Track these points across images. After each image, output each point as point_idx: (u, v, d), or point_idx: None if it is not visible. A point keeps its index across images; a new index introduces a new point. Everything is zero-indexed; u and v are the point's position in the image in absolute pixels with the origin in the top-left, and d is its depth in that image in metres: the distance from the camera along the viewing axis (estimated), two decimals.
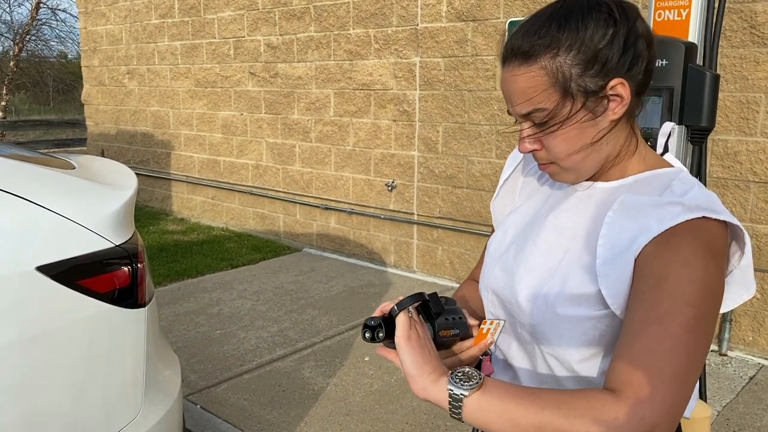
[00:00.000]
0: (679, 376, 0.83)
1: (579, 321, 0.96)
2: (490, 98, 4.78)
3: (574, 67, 0.92)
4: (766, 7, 3.56)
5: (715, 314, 0.88)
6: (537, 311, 1.00)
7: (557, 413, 0.82)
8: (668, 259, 0.87)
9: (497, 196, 1.22)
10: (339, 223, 5.98)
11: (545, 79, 0.93)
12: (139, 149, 8.15)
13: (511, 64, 0.95)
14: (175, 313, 4.47)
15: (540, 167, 1.03)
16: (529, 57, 0.93)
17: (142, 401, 1.89)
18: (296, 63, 6.05)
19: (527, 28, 0.95)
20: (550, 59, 0.92)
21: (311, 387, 3.42)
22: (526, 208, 1.13)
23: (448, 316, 1.03)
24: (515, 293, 1.04)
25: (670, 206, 0.91)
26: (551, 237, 1.03)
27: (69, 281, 1.71)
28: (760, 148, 3.66)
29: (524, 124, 0.98)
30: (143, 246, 1.97)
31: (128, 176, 2.15)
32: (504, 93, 0.99)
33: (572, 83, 0.93)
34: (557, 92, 0.93)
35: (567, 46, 0.92)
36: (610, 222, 0.95)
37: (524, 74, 0.94)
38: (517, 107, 0.97)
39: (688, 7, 1.91)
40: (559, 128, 0.95)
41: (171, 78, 7.43)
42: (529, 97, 0.94)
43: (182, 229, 7.12)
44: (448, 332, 1.03)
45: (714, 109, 1.80)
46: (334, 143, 5.88)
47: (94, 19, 8.42)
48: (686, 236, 0.88)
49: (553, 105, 0.93)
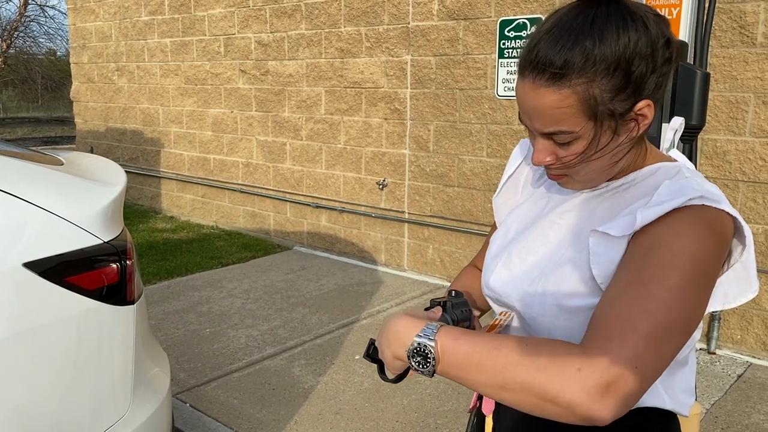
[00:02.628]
0: (655, 334, 0.79)
1: (581, 311, 0.95)
2: (482, 97, 4.78)
3: (606, 92, 0.88)
4: (756, 8, 3.58)
5: (705, 288, 0.84)
6: (538, 306, 0.99)
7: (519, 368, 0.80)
8: (662, 232, 0.86)
9: (500, 192, 1.21)
10: (330, 221, 5.97)
11: (575, 104, 0.88)
12: (128, 147, 8.10)
13: (537, 79, 0.89)
14: (165, 312, 4.44)
15: (549, 176, 1.00)
16: (561, 77, 0.87)
17: (131, 399, 1.87)
18: (287, 61, 6.03)
19: (557, 38, 0.88)
20: (583, 84, 0.87)
21: (301, 385, 3.41)
22: (528, 205, 1.13)
23: (461, 308, 1.07)
24: (517, 290, 1.04)
25: (671, 202, 0.89)
26: (555, 236, 1.03)
27: (57, 278, 1.69)
28: (748, 148, 3.69)
29: (540, 138, 0.95)
30: (132, 243, 1.95)
31: (117, 173, 2.14)
32: (522, 104, 0.93)
33: (601, 107, 0.88)
34: (585, 116, 0.89)
35: (603, 70, 0.87)
36: (608, 213, 0.96)
37: (553, 95, 0.88)
38: (539, 126, 0.92)
39: (679, 6, 1.92)
40: (581, 150, 0.92)
41: (161, 75, 7.39)
42: (555, 119, 0.90)
43: (172, 227, 7.09)
44: (463, 324, 1.06)
45: (704, 107, 1.81)
46: (325, 141, 5.87)
47: (83, 16, 8.36)
48: (686, 214, 0.86)
49: (579, 128, 0.90)
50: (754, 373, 3.58)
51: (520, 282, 1.03)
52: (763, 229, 3.69)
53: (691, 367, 1.03)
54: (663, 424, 1.01)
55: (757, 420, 3.07)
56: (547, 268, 1.00)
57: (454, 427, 3.02)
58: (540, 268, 1.01)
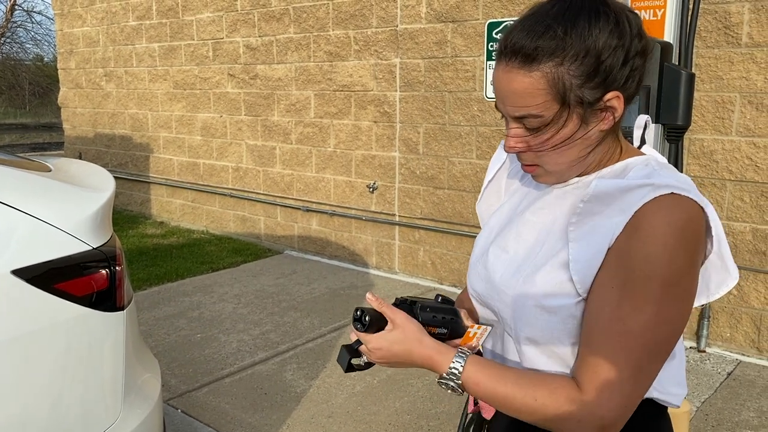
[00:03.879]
0: (637, 373, 0.88)
1: (560, 310, 0.96)
2: (470, 99, 4.80)
3: (575, 78, 0.90)
4: (740, 8, 3.62)
5: (684, 297, 0.89)
6: (517, 306, 1.00)
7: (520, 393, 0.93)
8: (636, 253, 0.88)
9: (482, 198, 1.22)
10: (320, 225, 5.96)
11: (544, 87, 0.90)
12: (117, 152, 8.06)
13: (510, 63, 0.92)
14: (155, 317, 4.42)
15: (523, 168, 1.02)
16: (531, 60, 0.90)
17: (122, 405, 1.86)
18: (276, 64, 6.03)
19: (531, 26, 0.91)
20: (553, 67, 0.90)
21: (293, 389, 3.40)
22: (506, 206, 1.14)
23: (438, 314, 1.07)
24: (497, 290, 1.05)
25: (638, 188, 0.91)
26: (529, 233, 1.04)
27: (46, 285, 1.68)
28: (735, 147, 3.72)
29: (513, 124, 0.96)
30: (121, 248, 1.95)
31: (106, 179, 2.13)
32: (497, 89, 0.95)
33: (571, 93, 0.91)
34: (555, 101, 0.91)
35: (572, 55, 0.89)
36: (580, 211, 0.96)
37: (524, 77, 0.91)
38: (510, 109, 0.94)
39: (664, 7, 1.93)
40: (550, 136, 0.94)
41: (149, 80, 7.37)
42: (525, 102, 0.92)
43: (162, 232, 7.06)
44: (433, 329, 1.06)
45: (689, 107, 1.82)
46: (314, 145, 5.87)
47: (70, 21, 8.32)
48: (659, 219, 0.88)
49: (548, 113, 0.92)
50: (744, 371, 3.61)
51: (499, 281, 1.04)
52: (750, 227, 3.73)
53: (680, 359, 1.04)
54: (653, 417, 1.02)
55: (746, 417, 3.10)
56: (522, 267, 1.01)
57: (447, 428, 3.02)
58: (516, 266, 1.03)
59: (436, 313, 1.07)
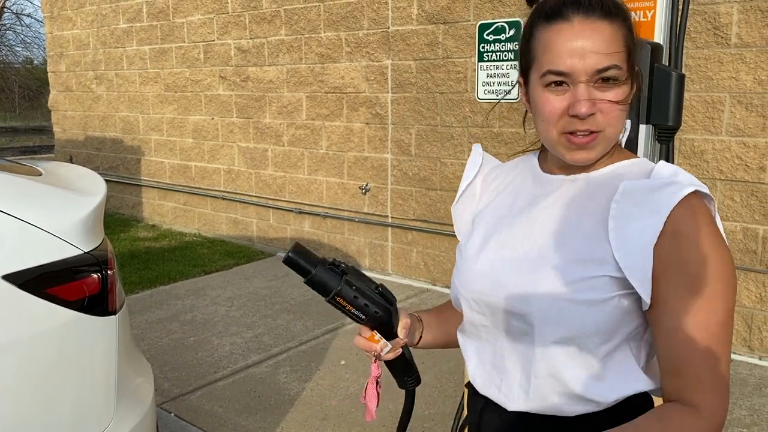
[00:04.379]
0: (725, 367, 0.92)
1: (588, 305, 0.95)
2: (462, 100, 4.81)
3: (630, 39, 0.98)
4: (729, 9, 3.64)
5: (735, 290, 0.96)
6: (544, 302, 0.98)
7: None
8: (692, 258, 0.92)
9: (459, 201, 1.22)
10: (313, 227, 5.96)
11: (622, 38, 0.96)
12: (108, 155, 8.03)
13: (590, 14, 0.95)
14: (148, 321, 4.41)
15: (576, 139, 0.98)
16: (610, 13, 0.95)
17: (114, 410, 1.85)
18: (267, 66, 6.02)
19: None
20: (623, 22, 0.96)
21: (287, 392, 3.39)
22: (492, 208, 1.14)
23: (361, 297, 1.06)
24: (509, 288, 1.02)
25: (666, 187, 0.94)
26: (542, 231, 1.03)
27: (37, 290, 1.67)
28: (725, 147, 3.74)
29: (584, 87, 0.95)
30: (113, 252, 1.94)
31: (97, 182, 2.12)
32: (570, 48, 0.94)
33: (632, 52, 0.98)
34: (626, 54, 0.96)
35: (628, 18, 0.98)
36: (615, 214, 0.96)
37: (608, 26, 0.95)
38: (595, 61, 0.94)
39: (654, 8, 1.94)
40: (623, 93, 0.96)
41: (140, 83, 7.34)
42: (611, 49, 0.94)
43: (154, 235, 7.03)
44: (347, 305, 1.06)
45: (680, 108, 1.83)
46: (306, 147, 5.86)
47: (60, 24, 8.28)
48: (697, 221, 0.93)
49: (624, 66, 0.96)
50: (735, 369, 3.63)
51: (509, 282, 1.02)
52: (741, 226, 3.75)
53: None
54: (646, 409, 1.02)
55: (738, 416, 3.11)
56: (544, 265, 1.00)
57: (441, 430, 3.02)
58: (533, 265, 1.01)
59: (360, 295, 1.06)
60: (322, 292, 1.06)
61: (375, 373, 1.15)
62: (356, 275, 1.08)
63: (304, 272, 1.06)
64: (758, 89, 3.60)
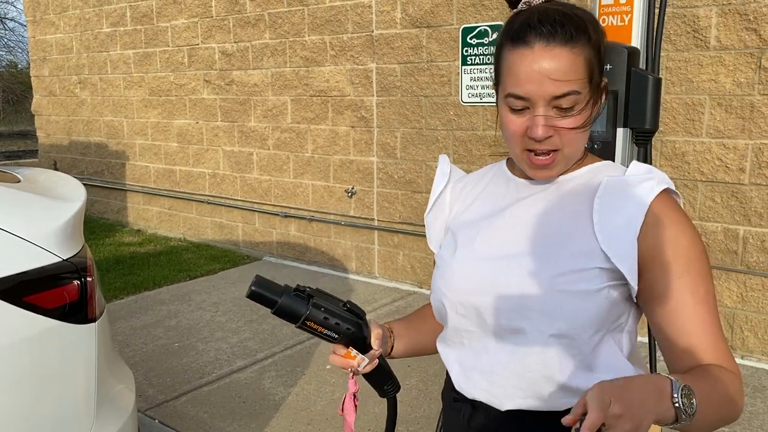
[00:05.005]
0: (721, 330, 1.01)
1: (583, 296, 0.99)
2: (446, 104, 4.82)
3: (594, 57, 0.99)
4: (708, 12, 3.68)
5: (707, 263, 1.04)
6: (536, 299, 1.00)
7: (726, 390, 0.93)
8: (680, 242, 0.99)
9: (431, 210, 1.25)
10: (299, 230, 5.95)
11: (582, 63, 0.98)
12: (92, 160, 7.98)
13: (551, 40, 0.96)
14: (132, 327, 4.38)
15: (536, 160, 1.02)
16: (571, 37, 0.97)
17: (94, 418, 1.84)
18: (252, 70, 6.01)
19: (554, 11, 0.98)
20: (585, 44, 0.98)
21: (272, 397, 3.38)
22: (473, 210, 1.15)
23: (331, 317, 1.07)
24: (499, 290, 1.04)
25: (644, 182, 1.01)
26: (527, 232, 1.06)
27: (15, 298, 1.66)
28: (705, 149, 3.78)
29: (542, 109, 0.98)
30: (92, 259, 1.93)
31: (76, 188, 2.11)
32: (530, 73, 0.96)
33: (596, 72, 1.00)
34: (587, 78, 0.98)
35: (595, 40, 0.99)
36: (599, 208, 1.01)
37: (568, 52, 0.96)
38: (553, 88, 0.96)
39: (631, 13, 1.96)
40: (581, 116, 0.99)
41: (124, 87, 7.30)
42: (569, 77, 0.96)
43: (138, 240, 6.99)
44: (318, 327, 1.07)
45: (657, 111, 1.85)
46: (292, 150, 5.86)
47: (43, 28, 8.22)
48: (676, 211, 1.00)
49: (584, 91, 0.98)
50: None
51: (498, 278, 1.04)
52: (722, 227, 3.79)
53: None
54: None
55: None
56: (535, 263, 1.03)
57: None
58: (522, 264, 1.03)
59: (329, 315, 1.06)
60: (290, 319, 1.06)
61: (353, 389, 1.17)
62: (322, 296, 1.08)
63: (270, 303, 1.06)
64: (737, 91, 3.64)
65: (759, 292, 3.72)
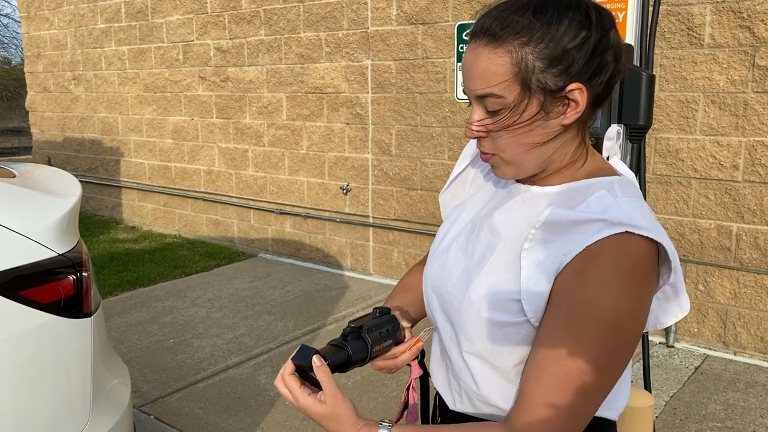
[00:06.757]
0: (570, 416, 0.87)
1: (505, 326, 0.95)
2: (442, 101, 4.83)
3: (538, 60, 0.89)
4: (702, 10, 3.70)
5: (625, 349, 0.89)
6: (465, 312, 0.99)
7: None
8: (580, 296, 0.88)
9: (448, 188, 1.21)
10: (294, 227, 5.95)
11: (508, 66, 0.90)
12: (87, 157, 7.96)
13: (478, 41, 0.92)
14: (127, 323, 4.38)
15: (481, 157, 1.00)
16: (497, 38, 0.90)
17: (90, 413, 1.85)
18: (247, 67, 6.00)
19: (503, 8, 0.92)
20: (518, 46, 0.90)
21: (267, 393, 3.39)
22: (471, 203, 1.13)
23: (382, 329, 1.09)
24: (449, 291, 1.04)
25: (592, 223, 0.89)
26: (486, 238, 1.02)
27: (10, 292, 1.66)
28: (699, 146, 3.80)
29: (476, 108, 0.95)
30: (88, 254, 1.93)
31: (71, 184, 2.11)
32: (464, 70, 0.95)
33: (533, 77, 0.90)
34: (517, 82, 0.90)
35: (537, 37, 0.89)
36: (532, 238, 0.94)
37: (489, 55, 0.91)
38: (474, 87, 0.93)
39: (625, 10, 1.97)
40: (510, 121, 0.92)
41: (119, 83, 7.29)
42: (489, 80, 0.91)
43: (133, 237, 6.98)
44: (381, 345, 1.09)
45: (650, 108, 1.86)
46: (287, 147, 5.86)
47: (37, 24, 8.19)
48: (605, 260, 0.87)
49: (509, 95, 0.91)
50: (711, 365, 3.69)
51: (452, 284, 1.04)
52: (715, 224, 3.81)
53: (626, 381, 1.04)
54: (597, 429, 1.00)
55: (713, 410, 3.16)
56: (474, 275, 0.99)
57: None
58: (468, 274, 1.01)
59: (380, 330, 1.09)
60: (363, 360, 1.07)
61: (418, 373, 1.19)
62: (359, 322, 1.08)
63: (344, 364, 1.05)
64: (731, 89, 3.66)
65: (752, 289, 3.74)
